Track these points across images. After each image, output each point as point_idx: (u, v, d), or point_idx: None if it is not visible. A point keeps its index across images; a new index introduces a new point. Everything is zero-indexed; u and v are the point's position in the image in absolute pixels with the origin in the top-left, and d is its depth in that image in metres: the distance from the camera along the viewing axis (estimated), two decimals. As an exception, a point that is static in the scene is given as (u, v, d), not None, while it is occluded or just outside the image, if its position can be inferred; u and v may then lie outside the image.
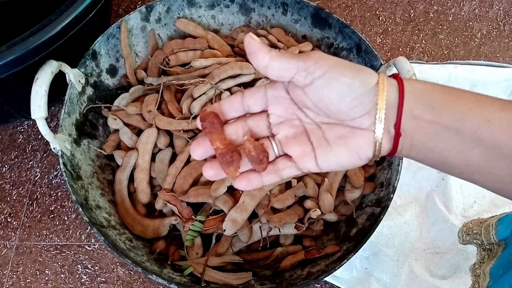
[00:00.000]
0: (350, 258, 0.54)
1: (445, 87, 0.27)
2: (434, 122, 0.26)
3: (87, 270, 0.69)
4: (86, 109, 0.65)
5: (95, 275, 0.68)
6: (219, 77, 0.66)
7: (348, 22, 0.93)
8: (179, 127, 0.62)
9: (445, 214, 0.69)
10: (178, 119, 0.63)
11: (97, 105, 0.66)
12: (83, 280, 0.68)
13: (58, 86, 0.57)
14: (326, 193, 0.59)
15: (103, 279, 0.68)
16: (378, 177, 0.63)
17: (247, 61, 0.70)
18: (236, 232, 0.57)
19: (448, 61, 0.76)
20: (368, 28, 0.93)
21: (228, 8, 0.78)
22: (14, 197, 0.75)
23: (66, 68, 0.58)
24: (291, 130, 0.30)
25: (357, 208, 0.63)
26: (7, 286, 0.68)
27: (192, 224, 0.58)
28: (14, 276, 0.69)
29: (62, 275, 0.68)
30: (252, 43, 0.27)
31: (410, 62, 0.76)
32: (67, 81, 0.61)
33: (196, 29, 0.75)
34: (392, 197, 0.57)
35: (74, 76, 0.61)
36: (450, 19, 0.93)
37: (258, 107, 0.30)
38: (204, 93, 0.65)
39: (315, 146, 0.29)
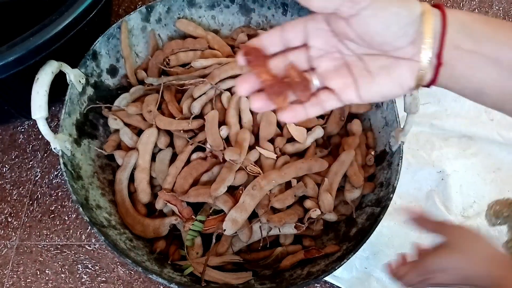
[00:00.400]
0: (349, 258, 0.54)
1: (487, 18, 0.27)
2: (473, 51, 0.26)
3: (87, 269, 0.69)
4: (87, 109, 0.65)
5: (96, 275, 0.68)
6: (219, 77, 0.66)
7: None
8: (179, 127, 0.62)
9: (445, 214, 0.69)
10: (178, 119, 0.63)
11: (98, 105, 0.66)
12: (83, 280, 0.68)
13: (59, 86, 0.57)
14: (326, 193, 0.59)
15: (103, 279, 0.68)
16: (378, 177, 0.64)
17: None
18: (236, 232, 0.58)
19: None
20: None
21: (228, 9, 0.78)
22: (15, 197, 0.75)
23: (66, 68, 0.58)
24: (332, 63, 0.29)
25: (357, 208, 0.63)
26: (8, 285, 0.68)
27: (193, 224, 0.58)
28: (15, 276, 0.69)
29: (63, 275, 0.68)
30: None
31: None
32: (68, 81, 0.61)
33: (196, 30, 0.75)
34: (392, 197, 0.57)
35: (74, 76, 0.61)
36: None
37: (298, 41, 0.29)
38: (204, 93, 0.65)
39: (357, 77, 0.29)
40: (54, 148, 0.56)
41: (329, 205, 0.59)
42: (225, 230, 0.56)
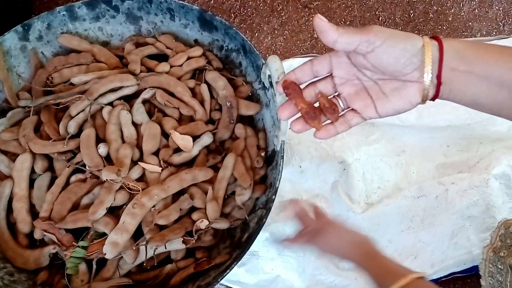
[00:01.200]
0: (233, 267, 0.52)
1: (475, 43, 0.34)
2: (467, 71, 0.33)
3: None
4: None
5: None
6: (98, 92, 0.63)
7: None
8: (54, 150, 0.59)
9: (348, 204, 0.69)
10: (53, 140, 0.60)
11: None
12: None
13: None
14: (211, 201, 0.57)
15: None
16: (269, 178, 0.62)
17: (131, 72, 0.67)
18: (120, 254, 0.55)
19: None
20: None
21: (114, 19, 0.75)
22: None
23: None
24: (353, 88, 0.37)
25: (251, 212, 0.62)
26: None
27: (73, 251, 0.55)
28: None
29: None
30: (321, 24, 0.33)
31: (305, 56, 0.76)
32: None
33: (81, 44, 0.72)
34: (274, 198, 0.56)
35: None
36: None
37: (324, 71, 0.37)
38: (83, 111, 0.62)
39: (374, 98, 0.36)
40: None
41: (214, 213, 0.57)
42: (105, 254, 0.54)
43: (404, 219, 0.70)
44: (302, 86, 0.38)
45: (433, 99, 0.36)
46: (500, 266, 0.61)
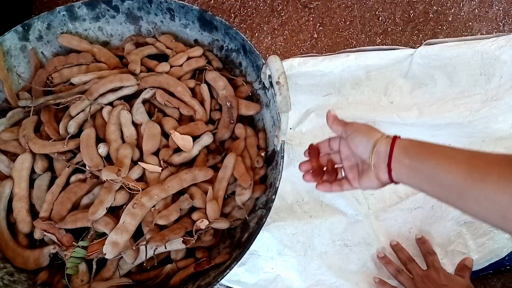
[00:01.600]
0: (233, 266, 0.52)
1: (419, 143, 0.43)
2: (409, 165, 0.42)
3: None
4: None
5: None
6: (98, 92, 0.63)
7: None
8: (54, 150, 0.59)
9: (355, 205, 0.69)
10: (53, 140, 0.60)
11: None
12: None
13: None
14: (211, 201, 0.57)
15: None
16: (270, 178, 0.62)
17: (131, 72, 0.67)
18: (120, 254, 0.55)
19: (341, 51, 0.76)
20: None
21: (114, 19, 0.75)
22: None
23: None
24: (349, 163, 0.51)
25: (251, 212, 0.62)
26: None
27: (73, 251, 0.55)
28: None
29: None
30: (331, 117, 0.51)
31: (305, 56, 0.76)
32: None
33: (80, 43, 0.72)
34: (274, 198, 0.56)
35: None
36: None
37: (336, 148, 0.52)
38: (83, 111, 0.62)
39: (359, 173, 0.49)
40: None
41: (214, 213, 0.57)
42: (105, 254, 0.54)
43: (402, 231, 0.70)
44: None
45: (391, 182, 0.46)
46: None
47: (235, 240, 0.60)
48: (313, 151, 0.53)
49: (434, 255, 0.65)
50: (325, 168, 0.53)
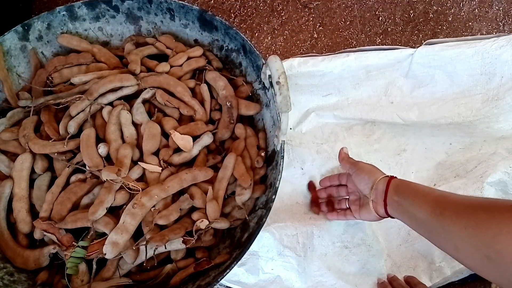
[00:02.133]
0: (233, 266, 0.52)
1: (407, 183, 0.52)
2: (397, 201, 0.51)
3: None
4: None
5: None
6: (98, 92, 0.63)
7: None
8: (54, 150, 0.59)
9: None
10: (53, 140, 0.60)
11: (-30, 135, 0.62)
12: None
13: None
14: (211, 201, 0.57)
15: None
16: (270, 178, 0.62)
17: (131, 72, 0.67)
18: (121, 254, 0.55)
19: (341, 51, 0.76)
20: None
21: (114, 19, 0.75)
22: None
23: None
24: (354, 197, 0.63)
25: (251, 212, 0.61)
26: None
27: (73, 251, 0.55)
28: None
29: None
30: (343, 154, 0.64)
31: (305, 56, 0.76)
32: None
33: (80, 43, 0.72)
34: (274, 198, 0.55)
35: None
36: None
37: (344, 182, 0.66)
38: (83, 111, 0.62)
39: (360, 206, 0.60)
40: None
41: (214, 213, 0.57)
42: (105, 254, 0.53)
43: (401, 233, 0.70)
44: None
45: (387, 216, 0.54)
46: None
47: (235, 240, 0.60)
48: (310, 185, 0.72)
49: (423, 284, 0.65)
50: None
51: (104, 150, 0.59)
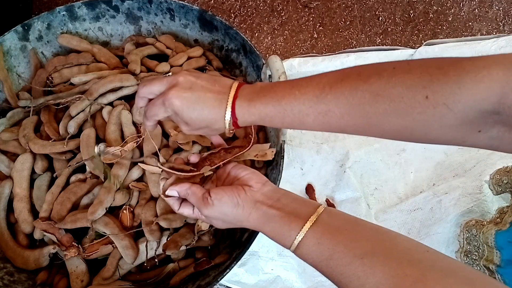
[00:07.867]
0: (233, 266, 0.52)
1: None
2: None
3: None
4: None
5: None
6: (97, 92, 0.63)
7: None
8: (54, 150, 0.59)
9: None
10: (53, 140, 0.60)
11: (-30, 135, 0.62)
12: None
13: None
14: (211, 201, 0.57)
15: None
16: (270, 178, 0.62)
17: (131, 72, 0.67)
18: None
19: (341, 51, 0.76)
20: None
21: (114, 19, 0.75)
22: None
23: None
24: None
25: (251, 212, 0.61)
26: None
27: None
28: None
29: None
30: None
31: (305, 56, 0.76)
32: None
33: (80, 43, 0.72)
34: (274, 199, 0.55)
35: None
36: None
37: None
38: (83, 111, 0.62)
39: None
40: None
41: (214, 214, 0.57)
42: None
43: (401, 232, 0.70)
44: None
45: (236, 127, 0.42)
46: (476, 268, 0.61)
47: (235, 240, 0.60)
48: (308, 188, 0.68)
49: None
50: None
51: (103, 150, 0.59)
